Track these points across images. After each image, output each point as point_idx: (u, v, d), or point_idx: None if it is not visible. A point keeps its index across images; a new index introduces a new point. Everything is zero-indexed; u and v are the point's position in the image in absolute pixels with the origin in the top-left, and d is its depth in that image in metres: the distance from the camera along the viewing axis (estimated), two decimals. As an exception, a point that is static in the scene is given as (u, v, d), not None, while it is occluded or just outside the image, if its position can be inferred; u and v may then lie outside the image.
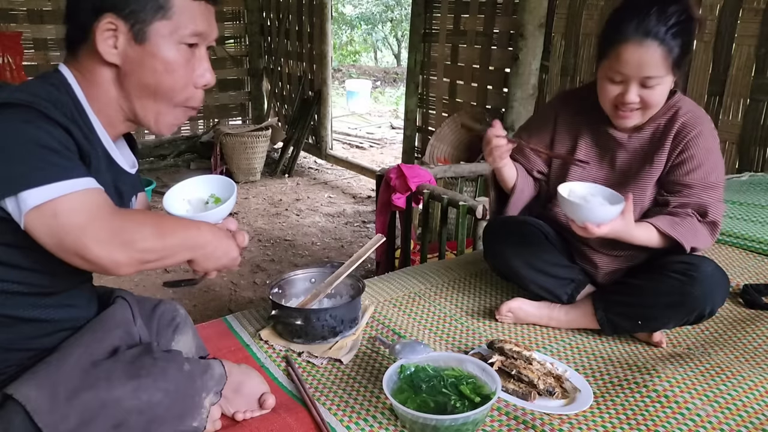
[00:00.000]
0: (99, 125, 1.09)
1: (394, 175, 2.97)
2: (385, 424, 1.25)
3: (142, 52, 1.05)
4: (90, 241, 0.92)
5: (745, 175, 2.68)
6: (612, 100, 1.55)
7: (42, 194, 0.91)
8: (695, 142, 1.57)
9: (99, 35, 1.03)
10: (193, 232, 1.05)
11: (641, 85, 1.50)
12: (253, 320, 1.72)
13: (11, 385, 0.99)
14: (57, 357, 1.05)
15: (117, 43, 1.04)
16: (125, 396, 1.02)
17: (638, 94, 1.51)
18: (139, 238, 0.96)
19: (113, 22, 1.03)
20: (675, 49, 1.45)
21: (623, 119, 1.57)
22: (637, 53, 1.46)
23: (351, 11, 13.92)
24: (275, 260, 3.74)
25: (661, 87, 1.51)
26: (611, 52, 1.49)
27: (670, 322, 1.58)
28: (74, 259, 0.94)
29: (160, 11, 1.04)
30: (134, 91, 1.08)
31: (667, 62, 1.46)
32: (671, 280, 1.52)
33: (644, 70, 1.47)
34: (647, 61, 1.46)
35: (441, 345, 1.62)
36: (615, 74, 1.51)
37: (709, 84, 2.83)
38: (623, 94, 1.51)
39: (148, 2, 1.04)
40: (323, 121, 5.94)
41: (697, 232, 1.55)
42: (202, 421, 1.12)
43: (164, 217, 1.07)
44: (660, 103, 1.55)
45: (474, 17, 4.18)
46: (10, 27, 5.35)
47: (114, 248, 0.94)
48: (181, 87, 1.10)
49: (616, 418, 1.28)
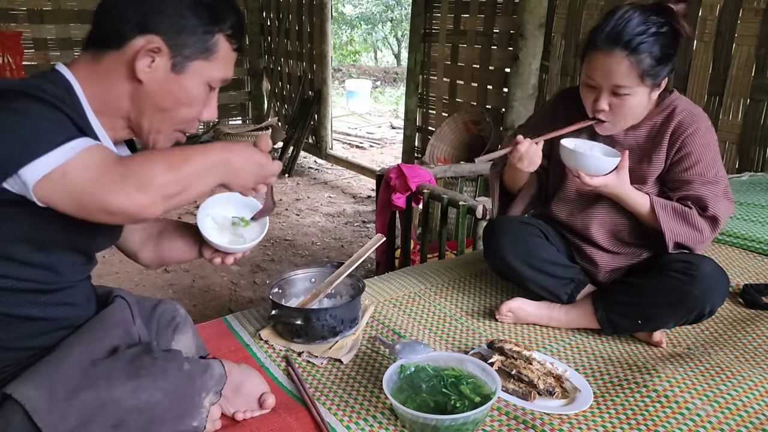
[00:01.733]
0: (98, 124, 1.09)
1: (394, 175, 2.97)
2: (385, 424, 1.25)
3: (173, 81, 1.08)
4: (107, 192, 0.91)
5: (745, 175, 2.68)
6: (589, 107, 1.58)
7: (46, 163, 0.90)
8: (692, 139, 1.57)
9: (141, 53, 1.04)
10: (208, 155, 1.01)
11: (612, 94, 1.51)
12: (253, 320, 1.72)
13: (10, 384, 0.99)
14: (56, 356, 1.05)
15: (152, 64, 1.06)
16: (125, 396, 1.02)
17: (609, 102, 1.52)
18: (154, 175, 0.94)
19: (159, 47, 1.04)
20: (645, 61, 1.45)
21: (598, 126, 1.60)
22: (604, 61, 1.48)
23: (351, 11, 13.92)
24: (275, 260, 3.74)
25: (633, 98, 1.51)
26: (586, 58, 1.53)
27: (670, 322, 1.58)
28: (99, 215, 0.93)
29: (205, 53, 1.08)
30: (148, 109, 1.10)
31: (635, 73, 1.46)
32: (671, 279, 1.53)
33: (611, 78, 1.48)
34: (613, 70, 1.47)
35: (441, 345, 1.62)
36: (589, 80, 1.53)
37: (709, 84, 2.83)
38: (596, 100, 1.54)
39: (197, 42, 1.07)
40: (323, 121, 5.94)
41: (689, 224, 1.55)
42: (202, 420, 1.12)
43: (173, 149, 1.04)
44: (633, 114, 1.57)
45: (474, 17, 4.18)
46: (10, 27, 5.35)
47: (132, 192, 0.92)
48: (191, 118, 1.14)
49: (616, 418, 1.28)
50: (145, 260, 1.37)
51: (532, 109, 3.72)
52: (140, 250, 1.35)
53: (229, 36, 1.10)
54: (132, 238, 1.34)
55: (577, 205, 1.74)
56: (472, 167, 3.42)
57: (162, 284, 3.36)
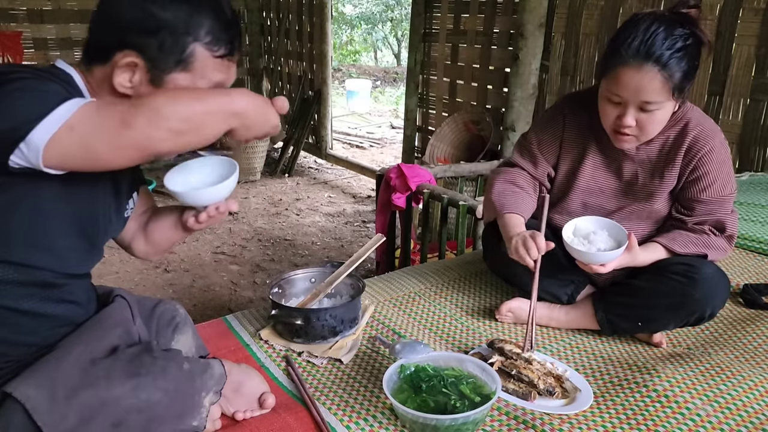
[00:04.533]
0: None
1: (394, 175, 2.97)
2: (385, 424, 1.25)
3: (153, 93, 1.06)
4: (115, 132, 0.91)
5: (745, 175, 2.68)
6: (611, 122, 1.51)
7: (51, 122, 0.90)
8: (709, 158, 1.54)
9: (118, 69, 1.05)
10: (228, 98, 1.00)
11: (639, 109, 1.45)
12: (253, 320, 1.72)
13: (10, 383, 0.99)
14: (56, 355, 1.05)
15: (132, 78, 1.06)
16: (124, 395, 1.02)
17: (636, 117, 1.46)
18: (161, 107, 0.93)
19: (135, 61, 1.05)
20: (677, 75, 1.39)
21: (620, 142, 1.54)
22: (636, 77, 1.39)
23: (351, 11, 13.93)
24: (275, 260, 3.74)
25: (661, 112, 1.45)
26: (610, 72, 1.44)
27: (670, 324, 1.58)
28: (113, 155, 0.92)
29: (180, 64, 1.07)
30: None
31: (667, 88, 1.40)
32: (671, 281, 1.52)
33: (642, 95, 1.41)
34: (646, 86, 1.39)
35: (441, 345, 1.61)
36: (613, 96, 1.46)
37: (709, 84, 2.83)
38: (621, 116, 1.47)
39: (170, 54, 1.06)
40: (323, 120, 5.94)
41: (710, 247, 1.56)
42: (201, 420, 1.12)
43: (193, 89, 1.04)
44: (659, 129, 1.52)
45: (474, 17, 4.18)
46: (10, 27, 5.36)
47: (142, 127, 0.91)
48: None
49: (616, 418, 1.28)
50: (139, 251, 1.37)
51: (532, 109, 3.72)
52: (132, 240, 1.36)
53: (208, 44, 1.08)
54: (126, 232, 1.34)
55: None
56: (472, 167, 3.42)
57: (162, 284, 3.35)
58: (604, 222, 1.57)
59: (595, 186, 1.68)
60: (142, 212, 1.37)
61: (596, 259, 1.49)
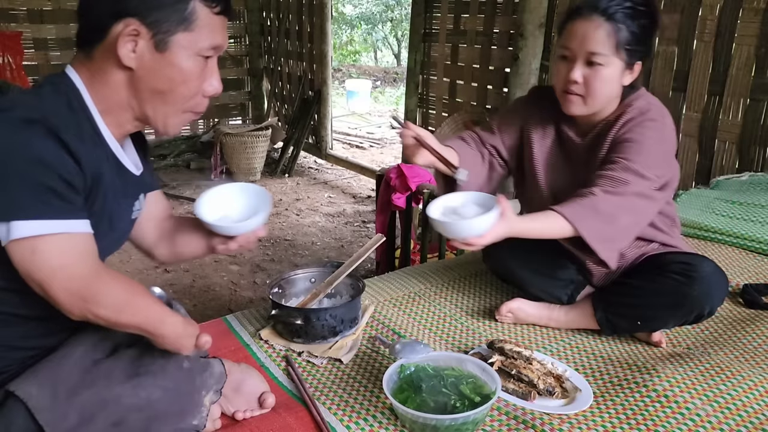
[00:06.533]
0: (105, 129, 1.10)
1: (394, 175, 2.97)
2: (385, 424, 1.25)
3: (160, 60, 1.06)
4: (55, 287, 0.96)
5: (745, 175, 2.68)
6: (561, 82, 1.53)
7: (27, 228, 0.93)
8: (634, 128, 1.50)
9: (120, 39, 1.03)
10: (157, 323, 1.06)
11: (587, 63, 1.48)
12: (253, 320, 1.72)
13: (13, 382, 0.99)
14: (59, 356, 1.05)
15: (136, 48, 1.05)
16: (125, 393, 1.02)
17: (583, 74, 1.48)
18: (102, 307, 0.99)
19: (137, 29, 1.03)
20: (623, 30, 1.44)
21: (568, 103, 1.54)
22: (583, 26, 1.47)
23: (351, 11, 13.92)
24: (275, 260, 3.74)
25: (606, 70, 1.47)
26: (563, 29, 1.52)
27: (669, 322, 1.58)
28: (35, 288, 0.97)
29: (183, 23, 1.05)
30: (146, 94, 1.09)
31: (613, 41, 1.45)
32: (670, 281, 1.52)
33: (588, 43, 1.46)
34: (591, 34, 1.45)
35: (441, 345, 1.61)
36: (563, 50, 1.51)
37: (709, 84, 2.83)
38: (569, 71, 1.50)
39: (172, 14, 1.04)
40: (323, 120, 5.94)
41: (596, 208, 1.43)
42: (202, 419, 1.12)
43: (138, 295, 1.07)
44: (604, 92, 1.50)
45: (474, 17, 4.17)
46: (10, 27, 5.35)
47: (74, 301, 0.97)
48: (192, 95, 1.12)
49: (616, 417, 1.28)
50: (161, 256, 1.38)
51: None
52: (155, 247, 1.37)
53: (206, 0, 1.07)
54: (147, 237, 1.36)
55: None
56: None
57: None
58: (473, 194, 1.46)
59: (558, 175, 1.67)
60: (164, 218, 1.38)
61: (463, 229, 1.33)
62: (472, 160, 1.68)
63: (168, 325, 1.07)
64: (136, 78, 1.07)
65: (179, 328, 1.09)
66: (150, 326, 1.05)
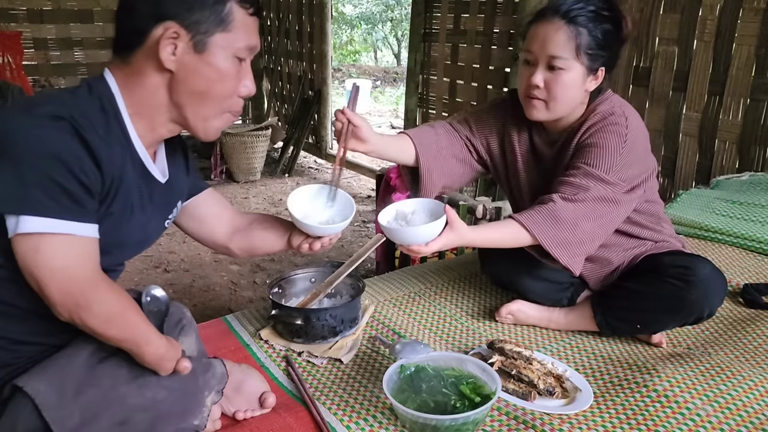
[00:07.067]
0: (134, 133, 1.10)
1: (394, 175, 2.97)
2: (385, 424, 1.25)
3: (199, 61, 1.07)
4: (52, 286, 0.96)
5: (745, 175, 2.68)
6: (523, 87, 1.52)
7: (34, 224, 0.94)
8: (596, 133, 1.49)
9: (162, 42, 1.04)
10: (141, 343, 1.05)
11: (548, 68, 1.47)
12: (253, 320, 1.72)
13: (21, 377, 1.00)
14: (67, 353, 1.06)
15: (176, 50, 1.06)
16: (130, 393, 1.03)
17: (544, 78, 1.47)
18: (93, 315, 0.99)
19: (177, 31, 1.04)
20: (584, 34, 1.43)
21: (531, 108, 1.53)
22: (545, 29, 1.46)
23: (351, 11, 13.92)
24: (275, 260, 3.74)
25: (567, 75, 1.45)
26: (527, 33, 1.51)
27: (668, 325, 1.58)
28: (32, 284, 0.97)
29: (221, 24, 1.07)
30: (184, 96, 1.10)
31: (573, 44, 1.43)
32: (668, 285, 1.51)
33: (549, 47, 1.44)
34: (552, 37, 1.44)
35: (441, 345, 1.62)
36: (527, 54, 1.50)
37: (709, 84, 2.83)
38: (530, 76, 1.49)
39: (211, 15, 1.06)
40: (323, 120, 5.94)
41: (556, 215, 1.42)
42: (203, 419, 1.12)
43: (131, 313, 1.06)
44: (566, 96, 1.49)
45: (474, 17, 4.17)
46: (10, 27, 5.36)
47: (67, 305, 0.97)
48: (229, 95, 1.13)
49: (616, 418, 1.28)
50: (237, 250, 1.42)
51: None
52: (229, 242, 1.41)
53: (241, 1, 1.09)
54: (217, 234, 1.40)
55: None
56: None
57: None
58: (426, 202, 1.46)
59: (534, 181, 1.66)
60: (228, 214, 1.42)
61: (409, 236, 1.34)
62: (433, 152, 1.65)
63: (151, 347, 1.06)
64: (176, 80, 1.08)
65: (161, 350, 1.08)
66: (133, 344, 1.05)
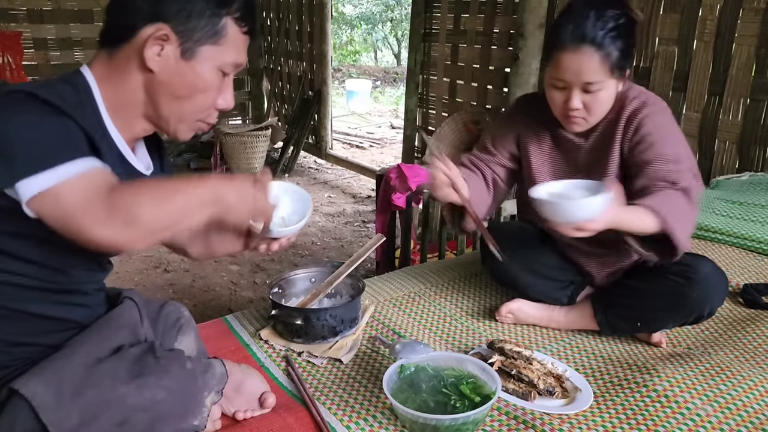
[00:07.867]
0: (113, 127, 1.10)
1: (394, 175, 2.97)
2: (385, 424, 1.25)
3: (184, 67, 1.07)
4: (90, 224, 0.91)
5: (745, 175, 2.68)
6: (559, 108, 1.53)
7: (42, 181, 0.91)
8: (646, 122, 1.51)
9: (149, 41, 1.04)
10: (200, 191, 1.00)
11: (584, 91, 1.47)
12: (253, 320, 1.72)
13: (17, 380, 0.99)
14: (64, 354, 1.05)
15: (161, 52, 1.05)
16: (129, 394, 1.02)
17: (582, 100, 1.48)
18: (142, 210, 0.93)
19: (167, 34, 1.04)
20: (613, 53, 1.43)
21: (572, 125, 1.55)
22: (575, 60, 1.43)
23: (351, 11, 13.92)
24: (275, 260, 3.74)
25: (604, 92, 1.47)
26: (552, 59, 1.49)
27: (669, 323, 1.58)
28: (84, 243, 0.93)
29: (213, 36, 1.07)
30: (163, 98, 1.09)
31: (606, 66, 1.43)
32: (669, 282, 1.52)
33: (583, 76, 1.44)
34: (585, 67, 1.43)
35: (441, 345, 1.62)
36: (557, 81, 1.49)
37: (709, 84, 2.83)
38: (567, 101, 1.49)
39: (206, 25, 1.06)
40: (323, 120, 5.94)
41: (674, 203, 1.42)
42: (203, 420, 1.12)
43: (163, 182, 1.02)
44: (606, 107, 1.52)
45: (474, 17, 4.17)
46: (10, 27, 5.35)
47: (117, 227, 0.92)
48: (207, 106, 1.13)
49: (616, 417, 1.28)
50: (195, 254, 1.38)
51: (532, 109, 3.71)
52: (189, 245, 1.37)
53: (237, 19, 1.09)
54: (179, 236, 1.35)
55: None
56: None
57: (162, 284, 3.35)
58: (576, 181, 1.45)
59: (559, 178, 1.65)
60: None
61: (577, 209, 1.27)
62: (478, 187, 1.69)
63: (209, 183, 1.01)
64: (156, 81, 1.08)
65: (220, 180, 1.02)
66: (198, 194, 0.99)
